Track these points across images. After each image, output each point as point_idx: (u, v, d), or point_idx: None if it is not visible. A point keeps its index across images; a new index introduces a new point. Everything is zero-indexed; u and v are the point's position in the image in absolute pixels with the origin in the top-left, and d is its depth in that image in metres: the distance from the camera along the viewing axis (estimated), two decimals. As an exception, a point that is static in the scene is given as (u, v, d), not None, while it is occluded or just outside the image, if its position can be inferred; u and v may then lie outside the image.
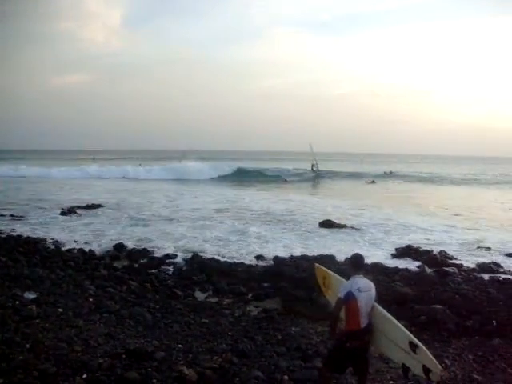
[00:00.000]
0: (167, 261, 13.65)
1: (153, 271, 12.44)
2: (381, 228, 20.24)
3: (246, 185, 44.52)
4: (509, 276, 12.61)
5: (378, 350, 5.86)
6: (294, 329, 8.39)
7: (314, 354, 7.13)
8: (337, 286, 5.94)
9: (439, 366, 4.92)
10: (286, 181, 49.58)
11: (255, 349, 7.36)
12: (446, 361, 7.18)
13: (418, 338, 5.32)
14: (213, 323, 8.56)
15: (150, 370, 6.23)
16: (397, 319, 5.56)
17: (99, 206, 25.46)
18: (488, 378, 6.72)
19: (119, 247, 15.04)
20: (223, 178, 50.63)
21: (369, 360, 5.58)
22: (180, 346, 7.33)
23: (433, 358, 4.94)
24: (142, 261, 13.50)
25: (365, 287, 5.24)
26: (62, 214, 22.36)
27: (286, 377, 6.31)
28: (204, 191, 36.24)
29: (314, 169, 53.26)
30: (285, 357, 7.06)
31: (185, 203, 27.92)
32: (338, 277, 6.32)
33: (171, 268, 12.89)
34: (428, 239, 17.95)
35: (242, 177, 52.27)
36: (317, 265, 7.18)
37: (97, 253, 14.33)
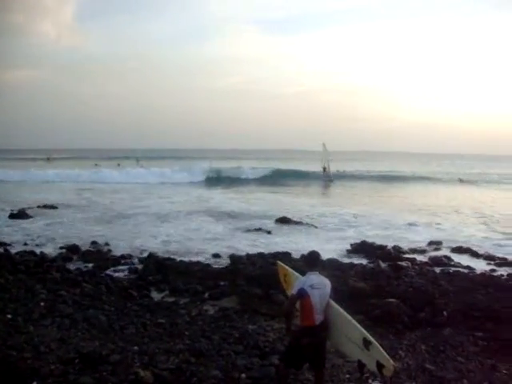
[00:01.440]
0: (123, 261, 13.44)
1: (108, 272, 12.20)
2: (337, 224, 20.60)
3: (218, 186, 42.83)
4: (459, 269, 13.06)
5: (334, 345, 5.93)
6: (250, 326, 8.38)
7: (271, 351, 7.15)
8: (294, 283, 5.98)
9: (392, 362, 5.02)
10: None
11: (212, 348, 7.31)
12: (400, 352, 7.36)
13: (373, 332, 5.44)
14: (169, 323, 8.46)
15: (104, 373, 6.09)
16: (352, 314, 5.65)
17: (52, 207, 24.76)
18: (439, 366, 6.93)
19: (73, 249, 14.67)
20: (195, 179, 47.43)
21: (325, 355, 5.64)
22: (136, 347, 7.20)
23: (385, 354, 5.03)
24: (96, 262, 13.19)
25: (318, 284, 5.28)
26: (12, 216, 21.41)
27: (243, 375, 6.30)
28: (172, 192, 35.50)
29: (326, 171, 47.51)
30: (242, 355, 7.04)
31: (144, 204, 27.47)
32: (297, 274, 6.39)
33: (127, 268, 12.66)
34: (383, 235, 18.39)
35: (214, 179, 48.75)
36: (278, 262, 7.27)
37: (49, 255, 13.90)
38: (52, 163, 74.07)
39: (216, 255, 14.27)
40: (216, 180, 46.95)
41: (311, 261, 5.49)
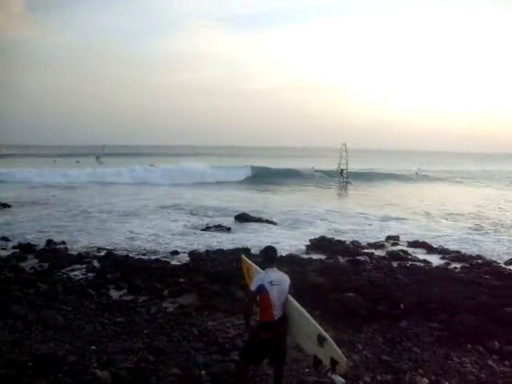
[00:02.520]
0: (80, 260, 13.10)
1: (64, 271, 11.90)
2: (296, 221, 20.79)
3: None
4: (415, 262, 13.40)
5: (294, 340, 5.97)
6: (210, 323, 8.36)
7: (231, 347, 7.17)
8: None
9: (345, 359, 5.09)
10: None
11: (172, 345, 7.26)
12: (359, 345, 7.50)
13: (332, 326, 5.52)
14: (128, 322, 8.34)
15: (60, 375, 5.95)
16: (312, 308, 5.72)
17: (5, 205, 23.87)
18: (395, 357, 7.12)
19: (27, 248, 14.26)
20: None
21: (285, 350, 5.67)
22: (93, 347, 7.07)
23: (339, 351, 5.10)
24: (52, 261, 12.82)
25: (277, 280, 5.29)
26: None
27: (203, 372, 6.29)
28: (134, 190, 34.47)
29: (344, 174, 45.53)
30: (202, 352, 7.03)
31: (106, 202, 26.92)
32: (259, 269, 6.38)
33: (84, 267, 12.37)
34: (342, 230, 18.69)
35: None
36: (242, 257, 7.26)
37: (1, 255, 13.46)
38: (4, 160, 71.49)
39: (175, 252, 14.16)
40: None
41: (268, 256, 5.50)
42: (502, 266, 13.39)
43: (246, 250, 13.63)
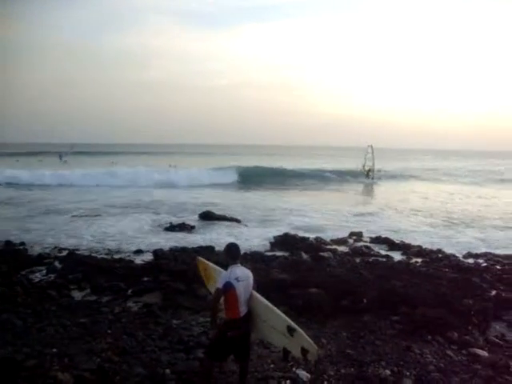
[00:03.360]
0: (41, 260, 12.75)
1: (24, 273, 11.57)
2: (262, 219, 20.88)
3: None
4: (378, 258, 13.65)
5: (258, 336, 6.00)
6: (175, 321, 8.31)
7: (196, 345, 7.14)
8: (216, 276, 5.99)
9: (315, 347, 5.19)
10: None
11: (136, 345, 7.18)
12: (323, 340, 7.59)
13: (296, 322, 5.56)
14: (91, 323, 8.18)
15: (19, 380, 5.78)
16: (276, 305, 5.74)
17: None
18: (359, 351, 7.27)
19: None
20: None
21: (250, 347, 5.70)
22: (54, 350, 6.90)
23: (309, 339, 5.20)
24: (11, 263, 12.43)
25: (242, 276, 5.34)
26: None
27: (168, 370, 6.26)
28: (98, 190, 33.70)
29: (370, 174, 45.84)
30: (167, 350, 6.99)
31: (66, 202, 26.29)
32: (218, 267, 6.40)
33: (45, 268, 12.06)
34: (305, 227, 18.84)
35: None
36: (198, 257, 7.25)
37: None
38: None
39: (139, 251, 13.99)
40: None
41: (232, 253, 5.51)
42: (461, 259, 13.81)
43: (210, 248, 13.59)
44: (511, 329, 8.78)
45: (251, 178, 41.12)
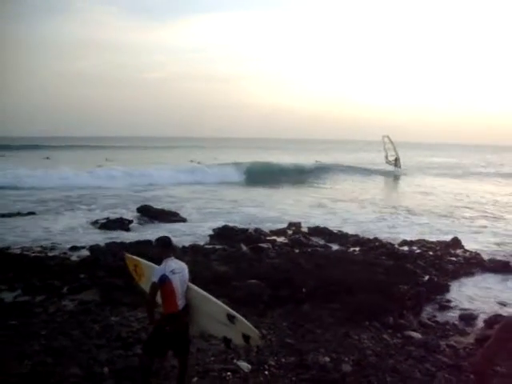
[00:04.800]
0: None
1: None
2: (202, 212, 20.80)
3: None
4: (316, 248, 13.87)
5: (198, 328, 5.94)
6: (113, 318, 8.11)
7: (135, 341, 7.00)
8: (149, 272, 5.85)
9: (257, 332, 5.23)
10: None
11: (72, 345, 6.93)
12: (263, 330, 7.60)
13: (236, 313, 5.54)
14: (23, 324, 7.78)
15: None
16: (216, 297, 5.71)
17: None
18: (299, 340, 7.37)
19: None
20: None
21: (189, 340, 5.63)
22: (-19, 355, 6.54)
23: (250, 325, 5.23)
24: None
25: (178, 269, 5.28)
26: None
27: (106, 369, 6.11)
28: None
29: (397, 163, 45.95)
30: (105, 348, 6.81)
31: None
32: (150, 263, 6.23)
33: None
34: (246, 219, 18.91)
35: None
36: (126, 254, 7.05)
37: None
38: None
39: (75, 248, 13.49)
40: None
41: (165, 246, 5.43)
42: (396, 247, 14.29)
43: (148, 242, 13.35)
44: (442, 311, 9.25)
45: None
